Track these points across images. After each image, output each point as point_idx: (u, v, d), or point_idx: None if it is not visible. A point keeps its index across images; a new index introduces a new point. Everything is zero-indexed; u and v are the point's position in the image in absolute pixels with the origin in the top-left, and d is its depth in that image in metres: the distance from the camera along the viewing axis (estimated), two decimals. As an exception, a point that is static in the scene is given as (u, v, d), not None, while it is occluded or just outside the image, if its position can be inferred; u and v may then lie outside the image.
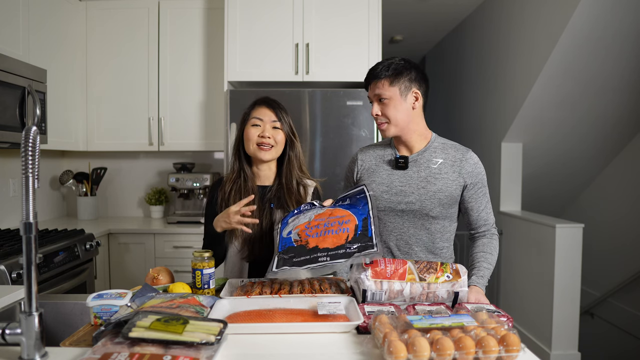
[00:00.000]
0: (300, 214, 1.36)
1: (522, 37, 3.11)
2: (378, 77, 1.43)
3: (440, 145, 1.50)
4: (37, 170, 0.88)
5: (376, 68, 1.45)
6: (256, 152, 1.53)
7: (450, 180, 1.45)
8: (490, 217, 1.53)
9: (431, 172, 1.46)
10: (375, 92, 1.44)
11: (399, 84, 1.42)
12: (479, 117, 3.84)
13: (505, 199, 3.45)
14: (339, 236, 1.23)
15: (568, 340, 2.91)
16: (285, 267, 1.19)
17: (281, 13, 2.74)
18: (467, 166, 1.46)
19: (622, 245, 3.47)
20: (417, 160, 1.48)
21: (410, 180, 1.47)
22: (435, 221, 1.48)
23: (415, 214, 1.47)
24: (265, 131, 1.52)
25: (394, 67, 1.43)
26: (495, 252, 1.49)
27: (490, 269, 1.45)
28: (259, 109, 1.56)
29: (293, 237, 1.27)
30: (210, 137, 3.02)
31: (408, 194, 1.46)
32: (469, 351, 0.85)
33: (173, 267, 2.21)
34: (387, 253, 1.55)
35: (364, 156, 1.59)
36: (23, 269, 0.89)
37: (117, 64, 3.02)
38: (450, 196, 1.46)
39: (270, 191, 1.58)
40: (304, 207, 1.39)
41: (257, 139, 1.52)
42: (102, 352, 0.85)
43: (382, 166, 1.53)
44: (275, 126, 1.54)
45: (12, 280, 1.76)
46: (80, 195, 3.12)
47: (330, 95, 2.65)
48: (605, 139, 3.39)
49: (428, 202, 1.45)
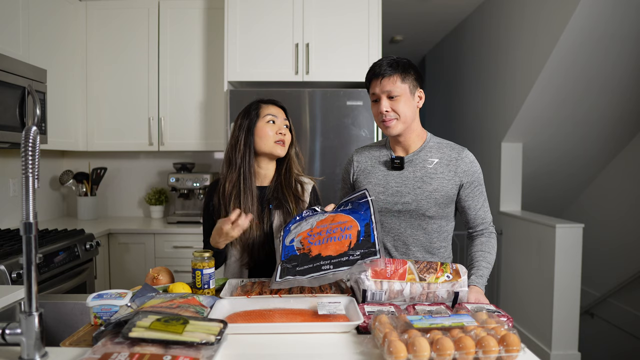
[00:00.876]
0: (302, 220, 1.34)
1: (522, 37, 3.11)
2: (388, 73, 1.42)
3: (435, 144, 1.51)
4: (37, 170, 0.88)
5: (382, 64, 1.44)
6: (273, 148, 1.52)
7: (446, 180, 1.45)
8: (488, 216, 1.53)
9: (427, 172, 1.46)
10: (386, 89, 1.42)
11: (408, 81, 1.43)
12: (479, 117, 3.84)
13: (505, 199, 3.45)
14: (341, 243, 1.21)
15: (568, 340, 2.91)
16: (288, 276, 1.18)
17: (281, 13, 2.74)
18: (463, 165, 1.46)
19: (622, 245, 3.47)
20: (413, 161, 1.49)
21: (406, 181, 1.47)
22: (432, 221, 1.48)
23: (411, 214, 1.47)
24: (281, 128, 1.54)
25: (402, 65, 1.43)
26: (493, 250, 1.49)
27: (489, 268, 1.45)
28: (270, 107, 1.56)
29: (296, 245, 1.26)
30: (210, 137, 3.02)
31: (404, 194, 1.47)
32: (469, 351, 0.85)
33: (173, 267, 2.21)
34: (385, 254, 1.54)
35: (360, 157, 1.59)
36: (23, 269, 0.89)
37: (117, 64, 3.02)
38: (447, 196, 1.46)
39: (269, 191, 1.57)
40: (306, 213, 1.37)
41: (275, 136, 1.52)
42: (102, 352, 0.85)
43: (378, 167, 1.53)
44: (286, 124, 1.57)
45: (12, 280, 1.76)
46: (80, 195, 3.12)
47: (330, 95, 2.65)
48: (605, 139, 3.40)
49: (424, 202, 1.45)
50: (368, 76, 1.48)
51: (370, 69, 1.48)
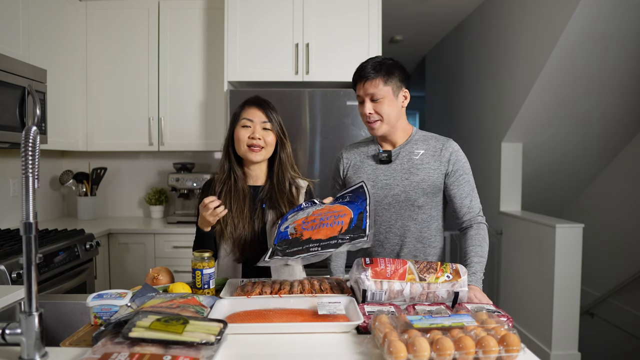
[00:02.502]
0: (300, 210, 1.38)
1: (522, 37, 3.11)
2: (371, 76, 1.46)
3: (421, 137, 1.57)
4: (37, 170, 0.88)
5: (366, 67, 1.48)
6: (247, 153, 1.51)
7: (432, 170, 1.51)
8: (475, 205, 1.54)
9: (414, 163, 1.52)
10: (369, 91, 1.47)
11: (391, 83, 1.47)
12: (479, 117, 3.84)
13: (505, 199, 3.45)
14: (332, 229, 1.24)
15: (568, 340, 2.91)
16: (277, 257, 1.22)
17: (281, 13, 2.74)
18: (447, 154, 1.52)
19: (622, 245, 3.47)
20: (400, 153, 1.54)
21: (394, 173, 1.53)
22: (421, 211, 1.53)
23: (401, 205, 1.53)
24: (256, 132, 1.50)
25: (386, 67, 1.47)
26: (484, 242, 1.50)
27: (482, 262, 1.46)
28: (248, 109, 1.53)
29: (289, 231, 1.29)
30: (210, 137, 3.02)
31: (393, 186, 1.53)
32: (469, 351, 0.85)
33: (173, 267, 2.20)
34: (377, 246, 1.59)
35: (349, 154, 1.64)
36: (23, 269, 0.89)
37: (117, 64, 3.02)
38: (434, 185, 1.51)
39: (262, 191, 1.57)
40: (305, 204, 1.39)
41: (248, 141, 1.50)
42: (102, 352, 0.85)
43: (367, 162, 1.58)
44: (265, 127, 1.52)
45: (12, 280, 1.76)
46: (80, 195, 3.12)
47: (330, 95, 2.65)
48: (605, 139, 3.40)
49: (413, 192, 1.51)
50: (353, 78, 1.53)
51: (356, 71, 1.52)
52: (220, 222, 1.50)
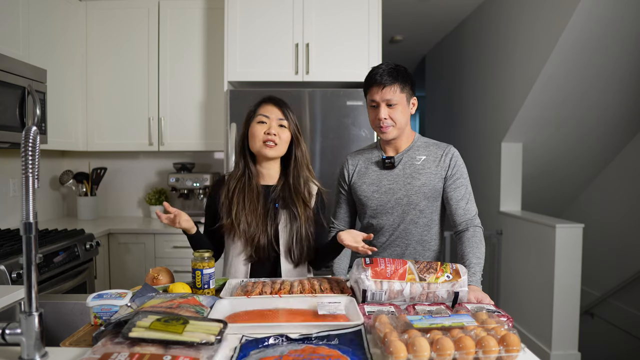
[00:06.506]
0: (266, 348, 0.93)
1: (522, 37, 3.11)
2: (389, 82, 1.50)
3: (423, 143, 1.63)
4: (37, 170, 0.88)
5: (382, 73, 1.51)
6: (261, 149, 1.51)
7: (432, 175, 1.57)
8: (471, 209, 1.57)
9: (415, 168, 1.58)
10: (386, 97, 1.51)
11: (406, 90, 1.54)
12: (479, 117, 3.84)
13: (505, 199, 3.45)
14: None
15: (568, 340, 2.91)
16: None
17: (281, 13, 2.74)
18: (447, 159, 1.58)
19: (622, 245, 3.47)
20: (402, 159, 1.60)
21: (397, 178, 1.59)
22: (422, 215, 1.58)
23: (404, 209, 1.58)
24: (272, 128, 1.51)
25: (402, 74, 1.52)
26: (481, 244, 1.51)
27: (480, 263, 1.47)
28: (265, 106, 1.55)
29: None
30: (210, 137, 3.02)
31: (396, 190, 1.58)
32: (469, 351, 0.85)
33: (173, 267, 2.21)
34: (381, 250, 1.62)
35: (354, 160, 1.69)
36: (23, 269, 0.89)
37: (117, 63, 3.02)
38: (434, 189, 1.57)
39: (275, 191, 1.56)
40: (274, 340, 0.97)
41: (263, 136, 1.50)
42: (102, 352, 0.84)
43: (371, 167, 1.64)
44: (281, 124, 1.53)
45: (12, 280, 1.76)
46: (80, 195, 3.12)
47: (330, 95, 2.65)
48: (605, 139, 3.40)
49: (414, 196, 1.56)
50: (368, 82, 1.55)
51: (371, 76, 1.54)
52: (233, 219, 1.50)
